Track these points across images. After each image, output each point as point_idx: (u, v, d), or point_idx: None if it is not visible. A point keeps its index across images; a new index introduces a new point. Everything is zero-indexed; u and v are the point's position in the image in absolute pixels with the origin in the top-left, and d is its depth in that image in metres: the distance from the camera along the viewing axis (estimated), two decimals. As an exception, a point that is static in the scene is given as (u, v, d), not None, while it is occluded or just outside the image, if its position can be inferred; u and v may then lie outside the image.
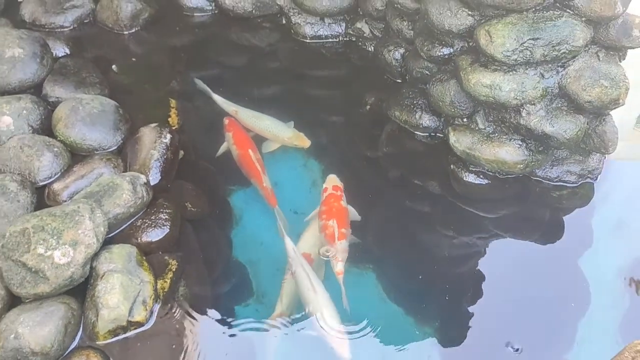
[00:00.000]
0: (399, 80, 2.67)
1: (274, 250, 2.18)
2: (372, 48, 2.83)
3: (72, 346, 1.83)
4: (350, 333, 1.91)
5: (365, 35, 2.84)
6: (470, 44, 2.19)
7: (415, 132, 2.53)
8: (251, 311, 2.04)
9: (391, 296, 2.13)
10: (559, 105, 2.14)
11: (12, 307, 1.87)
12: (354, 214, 2.26)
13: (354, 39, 2.91)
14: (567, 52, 2.05)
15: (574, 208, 2.33)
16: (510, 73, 2.08)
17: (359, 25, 2.84)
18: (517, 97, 2.08)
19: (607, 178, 2.38)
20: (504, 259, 2.23)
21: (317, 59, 2.91)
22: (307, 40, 2.94)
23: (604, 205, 2.32)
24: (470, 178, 2.35)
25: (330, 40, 2.94)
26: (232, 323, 1.98)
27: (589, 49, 2.13)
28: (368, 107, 2.69)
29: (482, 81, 2.09)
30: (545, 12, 2.05)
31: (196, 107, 2.67)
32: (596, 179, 2.35)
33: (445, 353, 1.96)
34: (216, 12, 3.04)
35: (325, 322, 1.94)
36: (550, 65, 2.08)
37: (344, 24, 2.91)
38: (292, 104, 2.74)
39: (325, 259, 2.10)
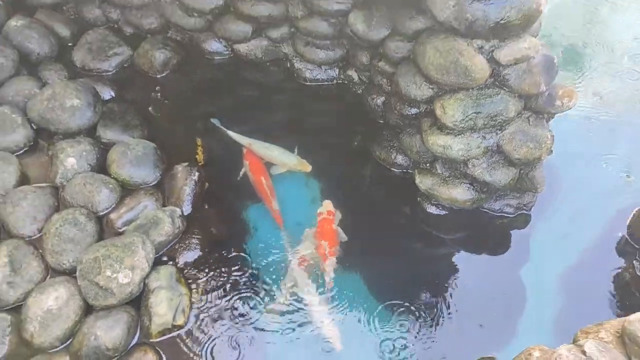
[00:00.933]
0: (381, 121, 3.27)
1: (281, 261, 2.88)
2: (360, 91, 3.43)
3: (133, 343, 2.53)
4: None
5: (354, 80, 3.43)
6: (431, 107, 2.79)
7: (391, 169, 3.16)
8: (261, 310, 2.73)
9: (370, 293, 2.79)
10: (497, 159, 2.76)
11: (88, 314, 2.58)
12: (342, 235, 2.92)
13: (345, 82, 3.50)
14: (502, 121, 2.64)
15: (513, 232, 2.96)
16: (459, 136, 2.68)
17: (349, 72, 3.43)
18: (464, 155, 2.70)
19: (539, 209, 3.02)
20: (459, 271, 2.88)
21: (315, 98, 3.49)
22: (307, 83, 3.55)
23: (535, 230, 2.96)
24: (432, 209, 2.99)
25: (326, 82, 3.51)
26: (248, 322, 2.66)
27: (522, 114, 2.73)
28: (356, 143, 3.32)
29: (437, 142, 2.71)
30: (486, 89, 2.64)
31: (217, 142, 3.29)
32: (530, 210, 2.99)
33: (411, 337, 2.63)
34: (232, 55, 3.63)
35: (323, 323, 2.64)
36: (490, 129, 2.69)
37: (337, 70, 3.49)
38: (295, 135, 3.35)
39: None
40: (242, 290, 2.74)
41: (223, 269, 2.79)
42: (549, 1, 3.45)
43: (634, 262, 2.78)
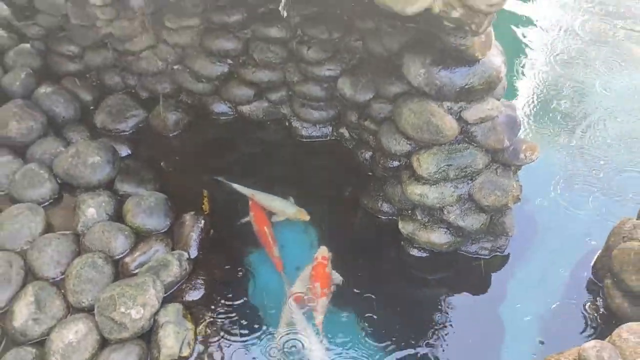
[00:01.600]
0: (369, 174, 3.62)
1: (280, 300, 3.17)
2: (351, 147, 3.80)
3: (144, 372, 2.86)
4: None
5: (345, 137, 3.81)
6: (409, 161, 3.14)
7: (378, 216, 3.50)
8: (263, 343, 3.01)
9: (359, 327, 3.05)
10: (469, 206, 3.08)
11: (104, 347, 2.88)
12: (337, 277, 3.23)
13: (338, 139, 3.88)
14: (471, 172, 2.99)
15: (488, 273, 3.25)
16: (434, 186, 3.02)
17: (341, 130, 3.81)
18: (439, 202, 3.04)
19: (512, 251, 3.32)
20: (439, 310, 3.12)
21: (311, 154, 3.84)
22: (304, 139, 3.93)
23: (509, 270, 3.25)
24: (414, 252, 3.29)
25: (320, 139, 3.88)
26: (248, 355, 2.95)
27: (491, 166, 3.08)
28: (347, 193, 3.67)
29: (415, 191, 3.05)
30: (456, 145, 2.99)
31: (221, 193, 3.66)
32: (504, 252, 3.30)
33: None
34: (236, 116, 4.03)
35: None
36: (461, 180, 3.03)
37: (330, 128, 3.87)
38: (294, 186, 3.70)
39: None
40: (243, 326, 3.03)
41: (226, 307, 3.08)
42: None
43: (598, 298, 3.06)
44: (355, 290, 3.21)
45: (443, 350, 2.94)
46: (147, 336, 2.90)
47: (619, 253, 2.89)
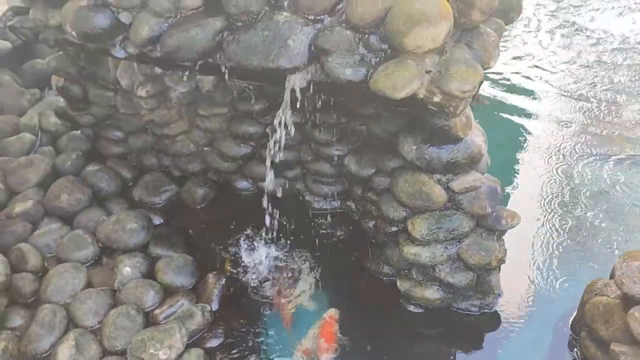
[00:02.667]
0: (373, 240, 4.06)
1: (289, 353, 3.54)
2: (357, 218, 4.28)
3: (168, 407, 3.20)
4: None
5: (352, 209, 4.29)
6: (405, 225, 3.60)
7: (380, 277, 3.91)
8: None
9: None
10: (458, 265, 3.49)
11: (135, 384, 3.26)
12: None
13: (345, 211, 4.37)
14: (459, 235, 3.42)
15: (477, 329, 3.59)
16: (426, 247, 3.46)
17: (348, 203, 4.31)
18: (431, 261, 3.46)
19: (500, 308, 3.67)
20: (436, 358, 3.51)
21: (322, 224, 4.37)
22: (315, 212, 4.44)
23: (496, 326, 3.58)
24: (411, 308, 3.66)
25: (330, 211, 4.39)
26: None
27: (477, 230, 3.52)
28: (353, 258, 4.11)
29: (410, 251, 3.49)
30: (446, 211, 3.45)
31: (240, 258, 4.13)
32: (492, 309, 3.66)
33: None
34: (257, 191, 4.58)
35: None
36: (450, 241, 3.47)
37: (339, 201, 4.38)
38: (307, 252, 4.19)
39: None
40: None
41: (241, 354, 3.46)
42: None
43: (576, 350, 3.38)
44: (358, 343, 3.56)
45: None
46: (172, 376, 3.27)
47: (590, 307, 3.24)
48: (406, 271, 3.69)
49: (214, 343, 3.50)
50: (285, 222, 4.29)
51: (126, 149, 4.81)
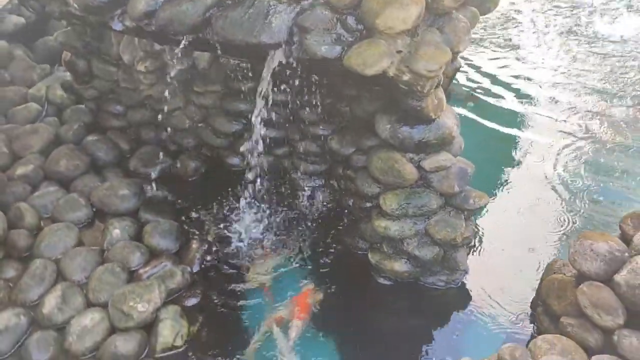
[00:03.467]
0: (353, 217, 4.26)
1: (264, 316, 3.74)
2: (338, 196, 4.47)
3: (142, 356, 3.40)
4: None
5: (335, 187, 4.46)
6: (378, 201, 3.78)
7: (356, 251, 4.10)
8: (243, 346, 3.52)
9: (329, 344, 3.56)
10: (425, 240, 3.66)
11: (113, 333, 3.48)
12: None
13: (329, 190, 4.57)
14: (427, 211, 3.60)
15: (443, 301, 3.77)
16: (396, 221, 3.63)
17: (331, 181, 4.47)
18: (400, 235, 3.63)
19: (466, 284, 3.85)
20: (401, 330, 3.65)
21: (305, 201, 4.57)
22: (300, 189, 4.64)
23: (460, 301, 3.76)
24: (381, 280, 3.86)
25: (314, 188, 4.61)
26: (233, 351, 3.49)
27: (446, 209, 3.69)
28: (332, 233, 4.29)
29: (380, 224, 3.67)
30: (416, 188, 3.63)
31: (225, 227, 4.35)
32: (457, 285, 3.83)
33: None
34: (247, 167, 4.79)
35: None
36: (419, 217, 3.65)
37: (323, 180, 4.58)
38: (289, 227, 4.39)
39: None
40: (230, 330, 3.60)
41: (218, 314, 3.66)
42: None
43: (533, 325, 3.54)
44: (329, 311, 3.75)
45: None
46: (149, 328, 3.48)
47: (546, 283, 3.40)
48: (378, 245, 3.87)
49: (191, 302, 3.71)
50: (270, 197, 4.50)
51: (125, 123, 5.04)
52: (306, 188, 4.56)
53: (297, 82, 3.94)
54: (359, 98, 3.92)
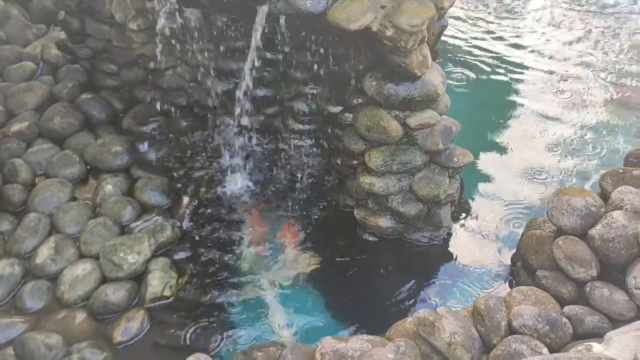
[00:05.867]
0: (340, 176, 4.33)
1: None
2: (327, 155, 4.52)
3: (132, 304, 3.53)
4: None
5: (324, 147, 4.54)
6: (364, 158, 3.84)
7: (343, 208, 4.18)
8: (231, 296, 3.65)
9: (319, 303, 3.70)
10: (409, 196, 3.73)
11: (104, 283, 3.59)
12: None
13: (319, 150, 4.63)
14: (411, 168, 3.66)
15: (426, 257, 3.87)
16: (381, 177, 3.70)
17: (321, 141, 4.56)
18: (385, 191, 3.70)
19: (449, 241, 3.94)
20: (384, 284, 3.73)
21: (296, 159, 4.64)
22: (291, 149, 4.70)
23: (442, 256, 3.87)
24: (366, 236, 3.96)
25: (304, 148, 4.68)
26: (218, 300, 3.61)
27: (430, 166, 3.75)
28: (320, 191, 4.38)
29: (366, 181, 3.73)
30: (401, 145, 3.69)
31: (216, 184, 4.43)
32: (441, 242, 3.92)
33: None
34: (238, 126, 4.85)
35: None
36: (403, 174, 3.71)
37: (313, 139, 4.63)
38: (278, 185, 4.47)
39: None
40: (218, 282, 3.70)
41: (207, 266, 3.76)
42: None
43: (512, 280, 3.63)
44: (317, 266, 3.85)
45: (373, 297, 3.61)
46: (139, 279, 3.59)
47: (525, 238, 3.48)
48: (363, 201, 3.95)
49: (181, 255, 3.81)
50: (261, 156, 4.57)
51: (119, 82, 5.08)
52: (296, 146, 4.61)
53: (286, 40, 3.96)
54: (346, 57, 3.94)
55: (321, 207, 4.25)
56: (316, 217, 4.19)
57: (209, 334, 3.37)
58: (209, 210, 4.18)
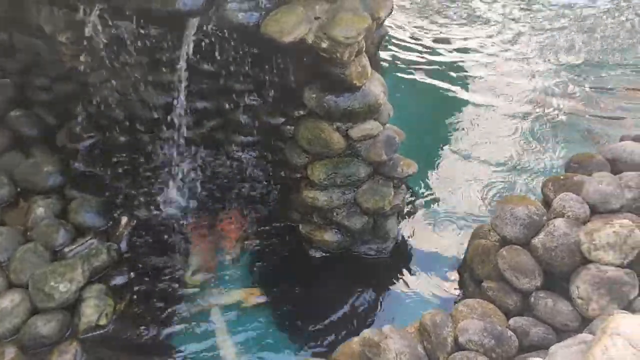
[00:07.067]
0: (285, 189, 4.21)
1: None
2: (271, 168, 4.41)
3: (65, 336, 3.33)
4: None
5: (269, 159, 4.42)
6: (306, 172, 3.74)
7: (289, 223, 4.06)
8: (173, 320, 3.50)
9: (267, 325, 3.58)
10: (354, 209, 3.65)
11: (34, 314, 3.38)
12: None
13: (262, 161, 4.51)
14: (355, 180, 3.58)
15: (374, 270, 3.79)
16: (324, 191, 3.61)
17: (265, 153, 4.44)
18: (328, 205, 3.61)
19: (396, 253, 3.88)
20: (332, 300, 3.65)
21: (238, 173, 4.51)
22: (231, 162, 4.57)
23: (391, 268, 3.81)
24: (312, 252, 3.86)
25: (248, 161, 4.55)
26: (160, 330, 3.44)
27: (374, 177, 3.68)
28: (267, 205, 4.27)
29: (309, 195, 3.64)
30: (344, 157, 3.61)
31: (157, 202, 4.25)
32: (388, 254, 3.85)
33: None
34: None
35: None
36: (347, 187, 3.62)
37: (256, 152, 4.51)
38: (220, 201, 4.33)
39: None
40: (159, 306, 3.55)
41: (145, 292, 3.60)
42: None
43: (460, 291, 3.59)
44: (261, 285, 3.73)
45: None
46: (73, 308, 3.40)
47: (472, 249, 3.45)
48: (309, 216, 3.85)
49: (117, 280, 3.63)
50: (203, 171, 4.41)
51: (52, 96, 4.83)
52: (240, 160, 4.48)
53: (223, 52, 3.82)
54: (285, 68, 3.83)
55: (266, 222, 4.12)
56: (261, 232, 4.05)
57: (147, 370, 3.20)
58: (149, 231, 3.99)
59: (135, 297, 3.56)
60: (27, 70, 4.81)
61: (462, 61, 6.26)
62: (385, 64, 5.89)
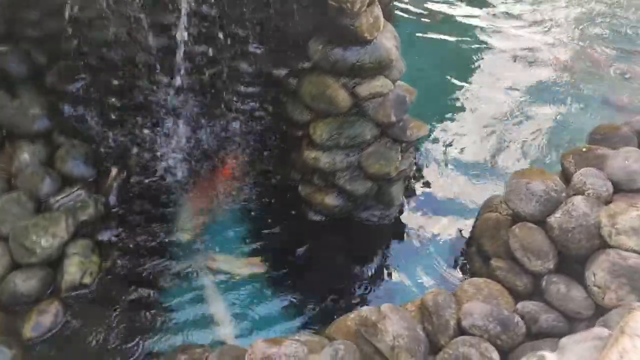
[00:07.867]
0: (285, 146, 3.96)
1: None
2: (272, 121, 4.14)
3: (46, 295, 3.16)
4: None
5: (270, 111, 4.14)
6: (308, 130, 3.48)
7: (288, 182, 3.83)
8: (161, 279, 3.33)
9: (261, 292, 3.39)
10: (357, 174, 3.41)
11: (14, 269, 3.21)
12: None
13: (263, 114, 4.23)
14: (360, 142, 3.33)
15: (376, 237, 3.60)
16: (327, 152, 3.36)
17: (265, 105, 4.16)
18: (331, 167, 3.37)
19: (401, 220, 3.66)
20: (330, 266, 3.49)
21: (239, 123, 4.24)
22: (233, 114, 4.30)
23: (393, 237, 3.60)
24: (311, 215, 3.64)
25: (249, 112, 4.27)
26: (148, 290, 3.27)
27: (381, 140, 3.41)
28: (265, 160, 4.03)
29: (310, 155, 3.39)
30: (349, 117, 3.34)
31: (149, 153, 4.02)
32: (392, 221, 3.63)
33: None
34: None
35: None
36: (352, 149, 3.37)
37: (258, 103, 4.22)
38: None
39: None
40: (148, 265, 3.37)
41: (135, 247, 3.42)
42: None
43: (466, 265, 3.39)
44: (257, 249, 3.53)
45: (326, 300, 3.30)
46: (55, 265, 3.22)
47: (481, 222, 3.22)
48: (309, 177, 3.61)
49: (105, 236, 3.45)
50: (200, 121, 4.15)
51: (42, 32, 4.52)
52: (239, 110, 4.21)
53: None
54: (292, 15, 3.51)
55: (264, 180, 3.89)
56: (259, 191, 3.83)
57: (134, 331, 3.03)
58: (140, 184, 3.77)
59: (122, 254, 3.36)
60: (15, 2, 4.48)
61: (486, 14, 5.84)
62: (399, 14, 5.48)
